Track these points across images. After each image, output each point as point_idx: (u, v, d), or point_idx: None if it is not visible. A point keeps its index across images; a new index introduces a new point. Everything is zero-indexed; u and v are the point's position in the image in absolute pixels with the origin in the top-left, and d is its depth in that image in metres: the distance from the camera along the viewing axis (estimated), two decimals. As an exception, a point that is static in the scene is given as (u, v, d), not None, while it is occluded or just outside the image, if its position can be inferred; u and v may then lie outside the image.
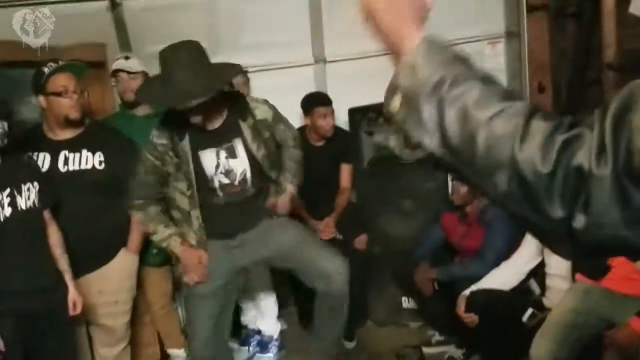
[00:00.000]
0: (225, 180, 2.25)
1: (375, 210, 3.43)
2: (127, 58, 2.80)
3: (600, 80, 3.47)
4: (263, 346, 3.18)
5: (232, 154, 2.24)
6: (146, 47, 3.25)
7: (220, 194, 2.26)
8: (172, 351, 3.05)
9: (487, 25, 3.76)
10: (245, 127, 2.25)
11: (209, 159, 2.23)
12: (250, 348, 3.22)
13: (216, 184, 2.25)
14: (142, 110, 2.78)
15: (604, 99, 3.46)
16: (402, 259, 3.18)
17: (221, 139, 2.23)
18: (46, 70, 2.31)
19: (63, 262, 2.18)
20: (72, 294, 2.17)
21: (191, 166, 2.20)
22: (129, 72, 2.75)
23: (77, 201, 2.35)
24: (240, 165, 2.26)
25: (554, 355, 2.11)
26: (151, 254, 2.78)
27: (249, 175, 2.28)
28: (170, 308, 3.04)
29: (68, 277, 2.18)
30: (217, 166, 2.23)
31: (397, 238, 3.39)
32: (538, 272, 2.72)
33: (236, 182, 2.27)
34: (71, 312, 2.17)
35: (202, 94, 2.00)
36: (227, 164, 2.24)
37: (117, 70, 2.75)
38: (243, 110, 2.28)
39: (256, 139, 2.26)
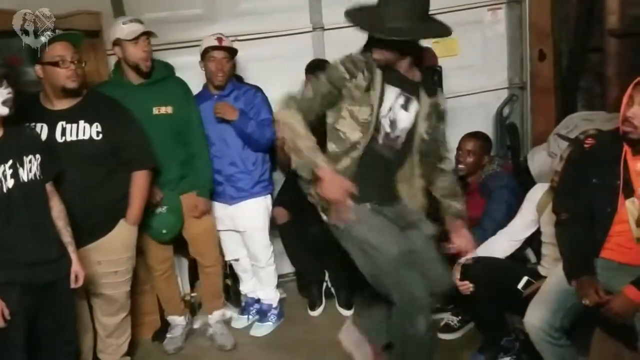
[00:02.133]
0: (387, 128, 2.15)
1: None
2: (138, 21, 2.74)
3: (603, 48, 3.42)
4: (262, 314, 3.23)
5: (406, 106, 2.15)
6: (141, 15, 3.20)
7: (381, 140, 2.16)
8: (172, 318, 3.10)
9: (488, -9, 3.69)
10: (425, 100, 2.18)
11: (390, 96, 2.13)
12: (250, 316, 3.27)
13: (381, 127, 2.14)
14: (137, 79, 2.74)
15: (605, 66, 3.42)
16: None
17: (407, 87, 2.15)
18: (43, 39, 2.28)
19: (66, 234, 2.19)
20: (75, 266, 2.19)
21: (378, 90, 2.10)
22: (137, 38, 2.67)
23: (74, 172, 2.34)
24: (405, 121, 2.17)
25: (548, 323, 2.13)
26: (160, 233, 2.81)
27: (404, 137, 2.19)
28: (171, 274, 3.07)
29: (71, 249, 2.19)
30: (391, 109, 2.14)
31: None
32: (534, 241, 2.73)
33: (392, 135, 2.17)
34: (73, 285, 2.18)
35: (440, 31, 2.11)
36: (397, 113, 2.15)
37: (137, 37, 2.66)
38: (431, 86, 2.25)
39: (427, 119, 2.19)
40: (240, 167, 2.99)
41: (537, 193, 2.62)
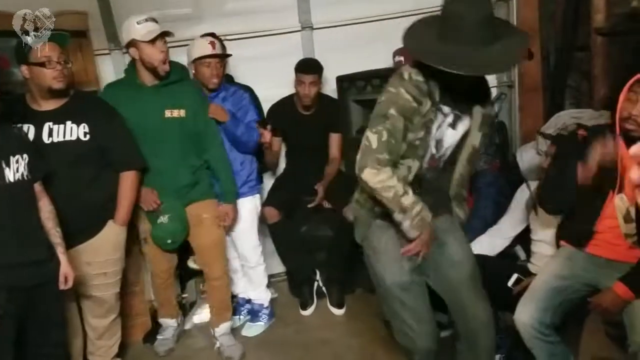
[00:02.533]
0: (433, 149, 1.95)
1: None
2: (153, 20, 2.63)
3: (589, 46, 3.44)
4: (253, 314, 3.22)
5: (454, 124, 1.94)
6: (128, 16, 3.18)
7: (426, 163, 1.95)
8: (165, 320, 3.08)
9: (475, -10, 3.70)
10: (478, 112, 1.96)
11: (440, 116, 1.91)
12: (241, 317, 3.26)
13: (428, 149, 1.93)
14: (151, 81, 2.66)
15: (592, 64, 3.44)
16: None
17: (460, 104, 1.92)
18: (30, 39, 2.26)
19: (55, 235, 2.16)
20: (65, 268, 2.16)
21: (433, 113, 1.87)
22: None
23: (62, 173, 2.32)
24: (451, 140, 1.96)
25: (538, 320, 2.14)
26: (166, 243, 2.79)
27: (448, 154, 1.99)
28: (172, 281, 3.07)
29: (61, 250, 2.17)
30: (439, 127, 1.92)
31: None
32: (524, 238, 2.75)
33: (437, 156, 1.97)
34: (62, 286, 2.16)
35: (510, 60, 1.88)
36: (445, 132, 1.93)
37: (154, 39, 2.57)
38: (486, 97, 2.04)
39: (481, 129, 1.97)
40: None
41: (526, 191, 2.64)
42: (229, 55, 2.96)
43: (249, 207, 3.07)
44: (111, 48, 3.29)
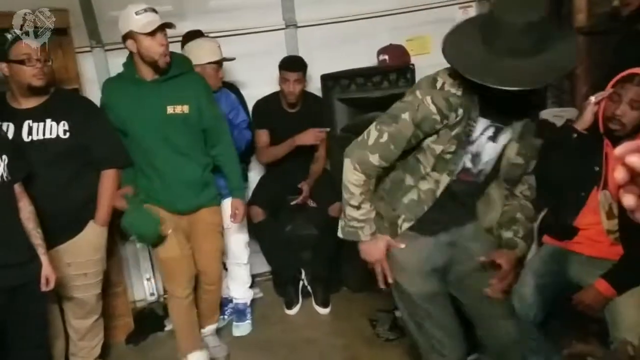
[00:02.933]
0: (468, 163, 1.78)
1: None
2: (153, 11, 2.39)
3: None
4: (239, 314, 3.20)
5: (494, 137, 1.76)
6: (109, 13, 3.15)
7: (454, 176, 1.78)
8: (195, 355, 2.76)
9: (459, -11, 3.72)
10: (518, 122, 1.76)
11: (478, 129, 1.73)
12: (226, 316, 3.24)
13: (461, 162, 1.76)
14: (151, 75, 2.45)
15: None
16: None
17: (502, 116, 1.73)
18: (9, 36, 2.22)
19: (36, 236, 2.13)
20: (46, 269, 2.13)
21: (469, 126, 1.70)
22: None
23: (42, 172, 2.29)
24: (491, 153, 1.78)
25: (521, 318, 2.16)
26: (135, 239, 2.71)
27: (488, 169, 1.82)
28: (193, 298, 2.77)
29: (42, 251, 2.14)
30: (476, 141, 1.75)
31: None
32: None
33: (474, 170, 1.80)
34: (43, 288, 2.13)
35: (546, 75, 1.55)
36: (484, 145, 1.76)
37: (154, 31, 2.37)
38: (535, 106, 1.89)
39: (520, 139, 1.78)
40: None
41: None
42: (234, 58, 2.99)
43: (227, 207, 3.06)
44: (92, 45, 3.25)
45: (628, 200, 0.60)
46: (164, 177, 2.53)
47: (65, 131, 2.35)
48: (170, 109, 2.47)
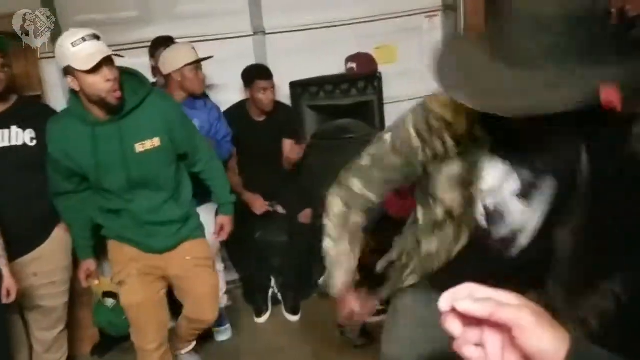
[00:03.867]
0: (482, 221, 1.28)
1: (319, 185, 3.43)
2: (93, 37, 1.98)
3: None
4: (219, 319, 3.16)
5: (525, 193, 1.22)
6: (74, 17, 3.09)
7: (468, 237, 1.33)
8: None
9: (425, -1, 3.79)
10: (586, 159, 1.13)
11: (492, 174, 1.23)
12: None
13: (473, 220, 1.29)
14: (104, 114, 2.07)
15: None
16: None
17: (537, 158, 1.19)
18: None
19: None
20: (7, 281, 2.07)
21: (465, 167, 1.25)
22: None
23: (8, 180, 2.25)
24: (523, 218, 1.25)
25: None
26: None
27: (525, 244, 1.27)
28: (168, 348, 2.54)
29: (3, 262, 2.08)
30: (493, 192, 1.25)
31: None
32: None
33: (496, 236, 1.28)
34: (4, 300, 2.07)
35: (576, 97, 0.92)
36: (506, 202, 1.24)
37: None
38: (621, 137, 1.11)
39: (608, 193, 1.12)
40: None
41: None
42: (211, 57, 2.94)
43: (212, 212, 3.03)
44: (56, 51, 3.18)
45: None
46: (138, 217, 2.21)
47: (32, 139, 2.31)
48: (139, 147, 2.09)
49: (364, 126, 3.36)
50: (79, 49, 1.90)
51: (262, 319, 3.28)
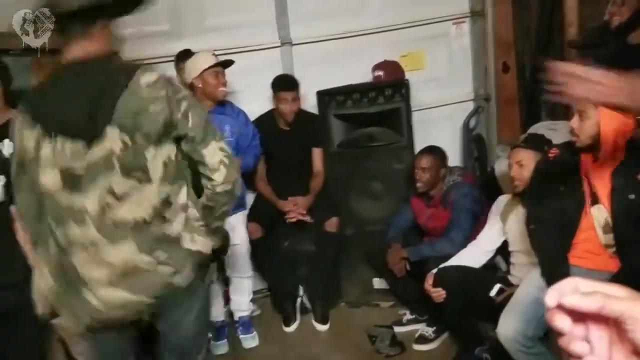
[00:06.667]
0: None
1: (346, 193, 3.44)
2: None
3: (563, 59, 3.51)
4: (244, 326, 3.19)
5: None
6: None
7: None
8: None
9: (452, 5, 3.77)
10: None
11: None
12: (227, 339, 3.17)
13: None
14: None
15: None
16: (374, 241, 3.21)
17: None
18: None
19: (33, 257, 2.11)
20: None
21: None
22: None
23: None
24: None
25: (521, 333, 2.15)
26: None
27: None
28: None
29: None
30: None
31: (368, 220, 3.41)
32: (504, 249, 2.77)
33: None
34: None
35: None
36: None
37: None
38: None
39: None
40: None
41: (501, 203, 2.67)
42: (233, 62, 2.99)
43: (242, 219, 3.10)
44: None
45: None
46: None
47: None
48: None
49: (390, 134, 3.35)
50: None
51: (291, 328, 3.28)
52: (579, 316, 0.54)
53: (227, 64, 2.95)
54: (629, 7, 2.50)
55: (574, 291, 0.54)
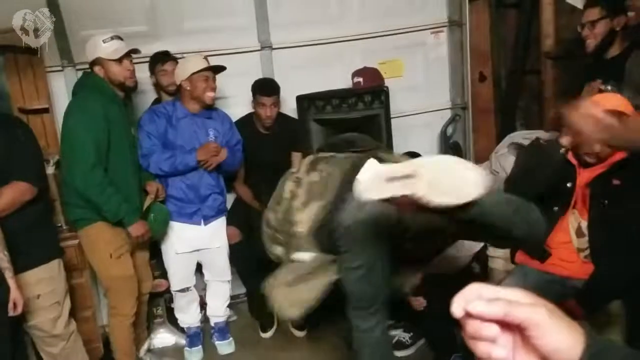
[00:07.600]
0: None
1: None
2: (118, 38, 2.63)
3: (539, 69, 3.58)
4: (221, 332, 3.17)
5: None
6: (82, 32, 3.11)
7: None
8: None
9: (430, 15, 3.81)
10: None
11: None
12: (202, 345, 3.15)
13: None
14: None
15: (542, 87, 3.58)
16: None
17: None
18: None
19: (3, 259, 2.05)
20: (14, 293, 2.05)
21: None
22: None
23: None
24: None
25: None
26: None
27: None
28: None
29: (9, 275, 2.06)
30: None
31: (346, 225, 3.41)
32: (480, 254, 2.80)
33: None
34: (11, 313, 2.05)
35: None
36: None
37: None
38: None
39: None
40: (216, 188, 2.99)
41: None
42: (224, 68, 2.95)
43: (222, 223, 3.10)
44: (64, 65, 3.19)
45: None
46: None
47: None
48: (133, 131, 2.75)
49: (370, 140, 3.35)
50: (109, 44, 2.53)
51: (268, 334, 3.25)
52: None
53: (218, 69, 2.92)
54: (600, 28, 2.56)
55: (478, 298, 0.55)
